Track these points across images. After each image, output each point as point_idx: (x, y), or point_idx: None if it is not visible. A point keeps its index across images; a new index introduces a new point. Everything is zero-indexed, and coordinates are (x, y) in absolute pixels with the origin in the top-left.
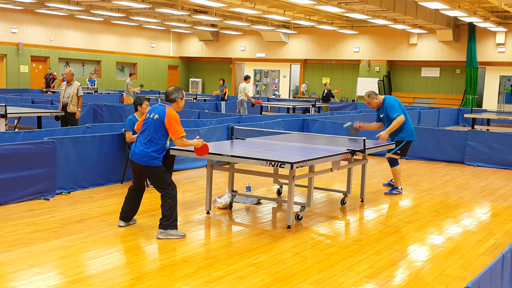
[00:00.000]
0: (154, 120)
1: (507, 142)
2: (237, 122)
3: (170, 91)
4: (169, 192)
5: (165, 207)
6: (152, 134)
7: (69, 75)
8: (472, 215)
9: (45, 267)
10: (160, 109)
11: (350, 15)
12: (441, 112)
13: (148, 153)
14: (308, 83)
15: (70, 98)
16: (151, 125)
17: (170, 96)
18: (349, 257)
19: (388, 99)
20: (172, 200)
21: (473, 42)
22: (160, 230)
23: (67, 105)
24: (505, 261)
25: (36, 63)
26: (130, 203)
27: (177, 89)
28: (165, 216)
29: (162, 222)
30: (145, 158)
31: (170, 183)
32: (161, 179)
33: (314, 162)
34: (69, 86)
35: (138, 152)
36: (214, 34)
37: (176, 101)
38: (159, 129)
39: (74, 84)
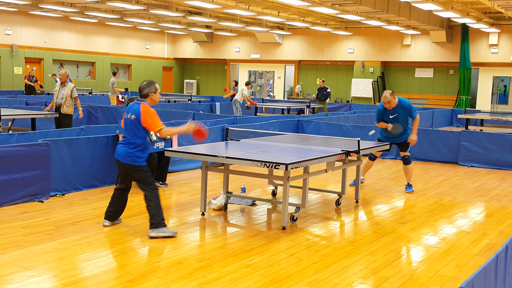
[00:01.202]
0: (131, 121)
1: (501, 142)
2: (231, 123)
3: (143, 86)
4: (152, 192)
5: (151, 207)
6: (132, 134)
7: (64, 76)
8: (466, 215)
9: (40, 269)
10: (135, 108)
11: (344, 16)
12: (435, 113)
13: (132, 153)
14: (303, 84)
15: (64, 99)
16: (129, 126)
17: (143, 92)
18: (344, 258)
19: (404, 100)
20: (156, 199)
21: (466, 43)
22: (152, 229)
23: (61, 106)
24: (499, 261)
25: (30, 65)
26: (116, 202)
27: (149, 83)
28: (153, 215)
29: (152, 222)
30: (129, 158)
31: (152, 183)
32: (144, 178)
33: (308, 163)
34: (63, 87)
35: (121, 152)
36: (208, 35)
37: (150, 96)
38: (138, 128)
39: (68, 85)
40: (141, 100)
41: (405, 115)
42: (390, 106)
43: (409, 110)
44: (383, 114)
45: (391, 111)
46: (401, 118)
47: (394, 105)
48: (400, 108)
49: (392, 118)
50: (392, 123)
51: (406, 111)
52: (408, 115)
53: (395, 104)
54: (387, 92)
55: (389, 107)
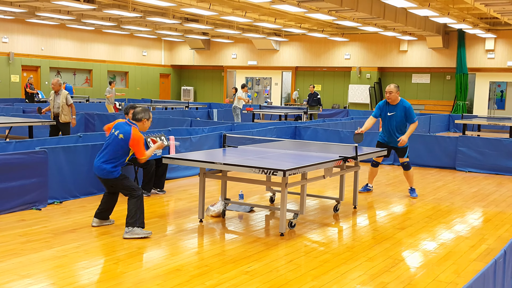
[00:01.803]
0: (117, 139)
1: (498, 147)
2: (229, 130)
3: (138, 111)
4: (134, 194)
5: (130, 206)
6: (113, 151)
7: (56, 85)
8: (464, 220)
9: (37, 277)
10: (126, 129)
11: (340, 22)
12: (432, 118)
13: (105, 168)
14: (300, 90)
15: (60, 108)
16: (113, 142)
17: (137, 116)
18: (343, 264)
19: (407, 102)
20: (137, 200)
21: (462, 48)
22: (126, 229)
23: (58, 115)
24: (497, 266)
25: (27, 73)
26: (105, 201)
27: (145, 110)
28: (129, 214)
29: (128, 221)
30: (103, 173)
31: (133, 186)
32: (124, 185)
33: (306, 169)
34: (57, 96)
35: (97, 166)
36: (205, 42)
37: (142, 121)
38: (121, 147)
39: (62, 93)
40: (132, 123)
41: (402, 116)
42: (391, 98)
43: (408, 112)
44: (382, 110)
45: (390, 109)
46: (398, 118)
47: (393, 100)
48: (400, 108)
49: (390, 116)
50: (389, 121)
51: (405, 112)
52: (407, 116)
53: (396, 100)
54: (393, 84)
55: (388, 98)
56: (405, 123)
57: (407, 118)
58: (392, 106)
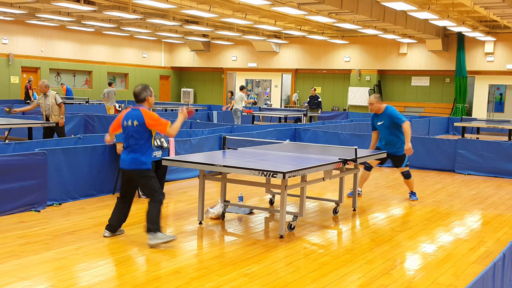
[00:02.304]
0: (134, 127)
1: (497, 150)
2: (229, 132)
3: (138, 91)
4: (157, 197)
5: (151, 212)
6: (136, 140)
7: (42, 86)
8: (463, 223)
9: (37, 279)
10: (136, 114)
11: (340, 25)
12: (432, 121)
13: (137, 159)
14: (300, 92)
15: (50, 109)
16: (132, 132)
17: (140, 96)
18: (342, 266)
19: (391, 108)
20: (159, 204)
21: (462, 51)
22: (150, 236)
23: (49, 117)
24: (496, 269)
25: (27, 74)
26: (118, 212)
27: (144, 87)
28: (151, 219)
29: (149, 226)
30: (134, 164)
31: (157, 188)
32: (150, 184)
33: (306, 171)
34: (46, 97)
35: (127, 159)
36: (205, 44)
37: (147, 100)
38: (143, 133)
39: (50, 94)
40: (138, 105)
41: (390, 123)
42: (372, 108)
43: (393, 117)
44: (374, 122)
45: (378, 118)
46: (386, 125)
47: (376, 109)
48: (385, 115)
49: (380, 125)
50: (381, 130)
51: (390, 118)
52: (393, 121)
53: (377, 108)
54: (373, 95)
55: (371, 109)
56: (396, 128)
57: (394, 122)
58: (379, 115)
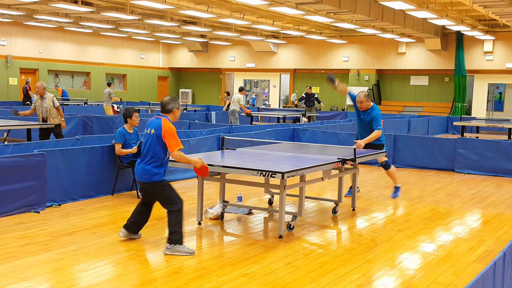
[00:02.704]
0: (151, 135)
1: (497, 149)
2: (227, 132)
3: (166, 101)
4: (175, 207)
5: (171, 221)
6: (152, 150)
7: (40, 88)
8: (463, 222)
9: (36, 280)
10: (156, 123)
11: (338, 24)
12: (431, 120)
13: (148, 170)
14: (298, 92)
15: (48, 112)
16: (149, 141)
17: (167, 107)
18: (341, 266)
19: (377, 109)
20: (179, 213)
21: (461, 50)
22: (168, 245)
23: (47, 119)
24: (496, 268)
25: (25, 76)
26: (137, 214)
27: (172, 99)
28: (171, 229)
29: (170, 237)
30: (145, 176)
31: (174, 197)
32: (165, 194)
33: (305, 171)
34: (43, 100)
35: (139, 171)
36: (203, 44)
37: (173, 112)
38: (157, 143)
39: (48, 96)
40: (162, 115)
41: (369, 122)
42: (362, 106)
43: (374, 119)
44: (358, 114)
45: (365, 114)
46: (365, 123)
47: (365, 107)
48: (370, 114)
49: (361, 118)
50: (359, 122)
51: (371, 119)
52: (372, 123)
53: (366, 106)
54: (363, 92)
55: (360, 107)
56: (371, 128)
57: (372, 124)
58: (366, 112)
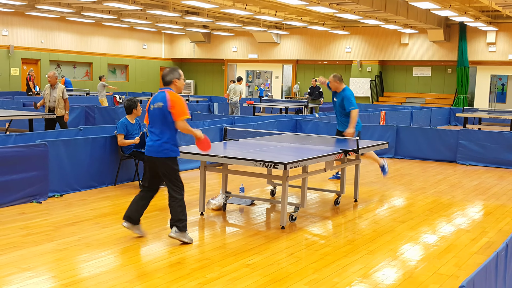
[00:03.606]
0: (159, 109)
1: (499, 141)
2: (229, 123)
3: (165, 73)
4: (179, 193)
5: (176, 210)
6: (161, 124)
7: (53, 78)
8: (465, 214)
9: (38, 270)
10: (161, 96)
11: (341, 15)
12: (433, 112)
13: (164, 144)
14: (301, 83)
15: (56, 102)
16: (159, 115)
17: (166, 78)
18: (344, 257)
19: (348, 90)
20: (182, 201)
21: (464, 41)
22: (175, 229)
23: (54, 109)
24: (499, 259)
25: (27, 66)
26: (136, 202)
27: (172, 70)
28: (176, 217)
29: (177, 225)
30: (162, 152)
31: (181, 182)
32: (175, 177)
33: (307, 162)
34: (54, 90)
35: (153, 145)
36: (206, 35)
37: (173, 83)
38: (166, 118)
39: (59, 87)
40: (165, 88)
41: (341, 103)
42: (331, 86)
43: (345, 99)
44: (332, 97)
45: (335, 95)
46: (337, 104)
47: (333, 88)
48: (341, 95)
49: (334, 102)
50: (334, 107)
51: (342, 100)
52: (344, 104)
53: (334, 87)
54: (332, 75)
55: (331, 86)
56: (344, 110)
57: (344, 105)
58: (337, 94)
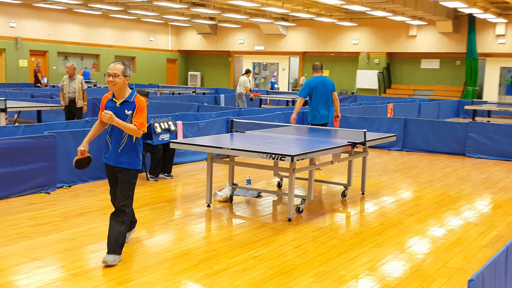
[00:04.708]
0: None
1: (509, 133)
2: (236, 115)
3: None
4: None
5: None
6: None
7: (71, 69)
8: (474, 207)
9: (47, 260)
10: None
11: (349, 7)
12: (442, 104)
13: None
14: (307, 75)
15: (77, 93)
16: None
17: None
18: (350, 249)
19: (308, 80)
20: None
21: (473, 33)
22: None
23: (74, 100)
24: (509, 253)
25: (35, 57)
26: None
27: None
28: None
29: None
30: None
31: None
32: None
33: (314, 154)
34: (73, 81)
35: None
36: (212, 27)
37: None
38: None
39: (78, 78)
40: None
41: None
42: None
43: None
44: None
45: None
46: None
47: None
48: None
49: None
50: None
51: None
52: None
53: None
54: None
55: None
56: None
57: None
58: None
